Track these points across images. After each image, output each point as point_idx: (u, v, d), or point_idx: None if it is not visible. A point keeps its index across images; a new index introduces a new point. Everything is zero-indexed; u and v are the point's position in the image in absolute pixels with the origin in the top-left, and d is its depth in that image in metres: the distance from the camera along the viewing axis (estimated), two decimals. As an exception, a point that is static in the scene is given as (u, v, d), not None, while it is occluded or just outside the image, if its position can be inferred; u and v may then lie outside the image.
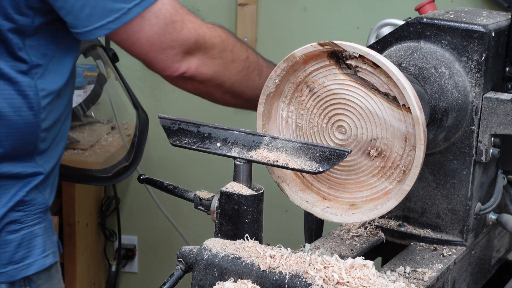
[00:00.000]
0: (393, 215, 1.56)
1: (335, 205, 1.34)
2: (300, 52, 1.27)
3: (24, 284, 1.65)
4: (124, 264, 3.32)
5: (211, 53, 1.61)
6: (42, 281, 1.69)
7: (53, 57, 1.59)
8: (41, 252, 1.67)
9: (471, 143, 1.45)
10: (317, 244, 1.49)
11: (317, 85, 1.31)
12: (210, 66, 1.61)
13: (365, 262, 1.14)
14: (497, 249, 1.69)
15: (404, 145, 1.27)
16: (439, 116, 1.42)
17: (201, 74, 1.62)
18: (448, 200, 1.50)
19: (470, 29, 1.42)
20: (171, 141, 1.32)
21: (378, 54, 1.24)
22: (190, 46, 1.58)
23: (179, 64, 1.59)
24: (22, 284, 1.65)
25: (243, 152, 1.26)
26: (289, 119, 1.35)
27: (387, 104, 1.26)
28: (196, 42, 1.59)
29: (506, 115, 1.43)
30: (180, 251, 1.27)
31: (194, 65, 1.60)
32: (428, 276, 1.37)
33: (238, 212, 1.23)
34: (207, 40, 1.60)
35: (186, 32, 1.58)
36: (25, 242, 1.64)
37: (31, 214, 1.65)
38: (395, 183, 1.29)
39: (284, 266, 1.16)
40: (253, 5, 2.95)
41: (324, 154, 1.21)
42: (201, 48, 1.60)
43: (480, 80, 1.43)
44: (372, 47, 1.47)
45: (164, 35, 1.56)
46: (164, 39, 1.56)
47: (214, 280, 1.20)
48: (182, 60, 1.59)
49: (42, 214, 1.67)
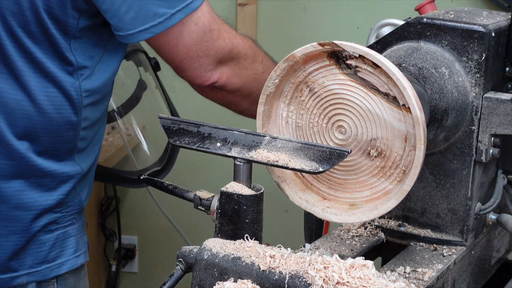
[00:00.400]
0: (393, 215, 1.56)
1: (335, 205, 1.34)
2: (300, 52, 1.27)
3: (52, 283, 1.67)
4: (124, 264, 3.31)
5: (243, 63, 1.64)
6: (70, 280, 1.70)
7: (100, 59, 1.61)
8: (73, 252, 1.68)
9: (471, 143, 1.45)
10: (317, 244, 1.49)
11: (317, 85, 1.31)
12: (241, 77, 1.64)
13: (365, 262, 1.14)
14: (497, 249, 1.70)
15: (404, 145, 1.27)
16: (439, 116, 1.42)
17: (231, 84, 1.65)
18: (448, 200, 1.50)
19: (470, 29, 1.42)
20: (171, 141, 1.32)
21: (378, 54, 1.24)
22: (224, 56, 1.61)
23: (212, 73, 1.62)
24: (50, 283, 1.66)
25: (243, 152, 1.26)
26: (289, 119, 1.35)
27: (387, 104, 1.26)
28: (230, 51, 1.62)
29: (506, 115, 1.43)
30: (180, 251, 1.27)
31: (225, 75, 1.63)
32: (428, 276, 1.37)
33: (238, 212, 1.23)
34: (241, 51, 1.63)
35: (222, 41, 1.60)
36: (59, 242, 1.65)
37: (68, 215, 1.66)
38: (395, 183, 1.29)
39: (284, 266, 1.16)
40: (253, 5, 2.95)
41: (324, 154, 1.21)
42: (234, 58, 1.63)
43: (480, 80, 1.43)
44: (372, 47, 1.47)
45: (201, 42, 1.58)
46: (200, 46, 1.58)
47: (214, 280, 1.20)
48: (214, 69, 1.62)
49: (77, 215, 1.69)
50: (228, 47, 1.61)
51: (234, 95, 1.68)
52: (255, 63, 1.67)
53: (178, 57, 1.60)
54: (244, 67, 1.65)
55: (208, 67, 1.60)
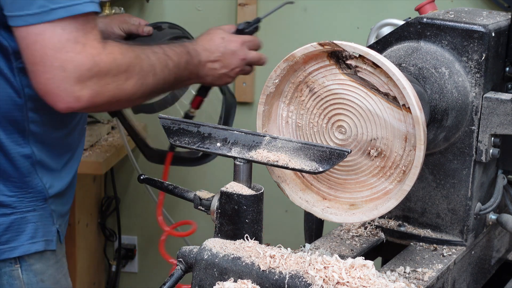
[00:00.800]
0: (393, 215, 1.56)
1: (335, 205, 1.34)
2: (300, 52, 1.27)
3: (15, 262, 1.69)
4: (124, 264, 3.31)
5: (105, 80, 1.55)
6: (34, 260, 1.71)
7: None
8: (29, 238, 1.69)
9: (471, 143, 1.45)
10: (317, 244, 1.49)
11: (317, 85, 1.31)
12: (104, 93, 1.56)
13: (365, 262, 1.14)
14: (497, 249, 1.69)
15: (404, 145, 1.27)
16: (439, 116, 1.42)
17: (94, 104, 1.55)
18: (448, 200, 1.50)
19: (470, 29, 1.42)
20: (171, 141, 1.32)
21: (378, 54, 1.24)
22: (83, 74, 1.51)
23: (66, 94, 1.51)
24: (13, 262, 1.69)
25: (243, 152, 1.26)
26: (289, 119, 1.35)
27: (387, 104, 1.26)
28: (89, 69, 1.51)
29: (506, 115, 1.43)
30: (180, 251, 1.27)
31: (85, 98, 1.52)
32: (428, 276, 1.37)
33: (238, 212, 1.23)
34: (102, 68, 1.53)
35: (83, 57, 1.50)
36: (14, 227, 1.67)
37: (26, 201, 1.67)
38: (395, 183, 1.29)
39: (284, 266, 1.16)
40: (253, 5, 2.95)
41: (324, 154, 1.21)
42: (94, 76, 1.52)
43: (480, 80, 1.43)
44: (372, 47, 1.47)
45: (60, 51, 1.48)
46: (59, 55, 1.48)
47: (214, 280, 1.20)
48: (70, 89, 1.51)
49: (39, 203, 1.70)
50: (88, 64, 1.51)
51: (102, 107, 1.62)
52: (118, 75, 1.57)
53: (32, 58, 1.49)
54: (106, 83, 1.55)
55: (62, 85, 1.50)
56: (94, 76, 1.52)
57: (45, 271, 1.74)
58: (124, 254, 3.28)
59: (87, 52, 1.50)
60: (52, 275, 1.76)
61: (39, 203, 1.70)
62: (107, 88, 1.55)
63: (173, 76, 1.72)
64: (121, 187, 3.22)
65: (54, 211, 1.74)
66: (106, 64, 1.54)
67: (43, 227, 1.71)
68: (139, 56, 1.64)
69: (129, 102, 1.67)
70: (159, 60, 1.69)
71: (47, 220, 1.72)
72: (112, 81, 1.56)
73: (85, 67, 1.50)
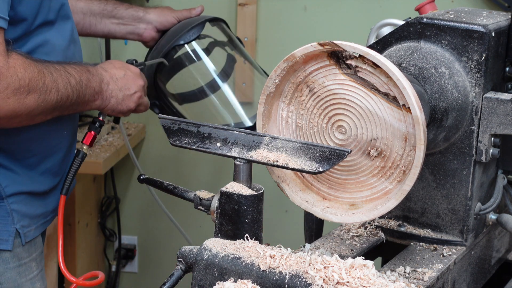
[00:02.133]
0: (393, 215, 1.56)
1: (335, 205, 1.34)
2: (300, 52, 1.27)
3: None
4: (124, 264, 3.31)
5: (4, 93, 1.54)
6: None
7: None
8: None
9: (471, 143, 1.46)
10: (317, 244, 1.49)
11: (317, 85, 1.31)
12: (3, 107, 1.54)
13: (365, 262, 1.14)
14: (497, 249, 1.69)
15: (404, 145, 1.27)
16: (439, 116, 1.42)
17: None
18: (448, 200, 1.50)
19: (470, 29, 1.42)
20: (171, 141, 1.32)
21: (378, 54, 1.24)
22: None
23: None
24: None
25: (243, 152, 1.26)
26: (289, 119, 1.35)
27: (387, 104, 1.26)
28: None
29: (506, 115, 1.43)
30: (180, 251, 1.27)
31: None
32: (428, 276, 1.37)
33: (238, 212, 1.23)
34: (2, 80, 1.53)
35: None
36: None
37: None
38: (395, 183, 1.29)
39: (284, 266, 1.16)
40: (253, 5, 2.95)
41: (324, 154, 1.21)
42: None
43: (480, 80, 1.43)
44: (372, 47, 1.47)
45: None
46: None
47: (214, 280, 1.20)
48: None
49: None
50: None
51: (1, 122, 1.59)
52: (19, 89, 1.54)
53: None
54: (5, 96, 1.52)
55: None
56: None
57: (2, 274, 1.71)
58: (124, 254, 3.28)
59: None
60: (12, 278, 1.73)
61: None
62: (7, 102, 1.54)
63: (76, 94, 1.69)
64: (121, 187, 3.22)
65: (16, 211, 1.71)
66: (6, 77, 1.53)
67: None
68: (41, 71, 1.61)
69: (29, 118, 1.62)
70: (61, 77, 1.66)
71: (3, 218, 1.70)
72: (12, 95, 1.55)
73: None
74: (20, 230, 1.72)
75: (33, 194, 1.75)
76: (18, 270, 1.74)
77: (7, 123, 1.60)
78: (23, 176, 1.72)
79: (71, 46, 1.77)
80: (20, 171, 1.72)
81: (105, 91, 1.78)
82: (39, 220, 1.78)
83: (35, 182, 1.74)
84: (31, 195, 1.74)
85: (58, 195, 1.82)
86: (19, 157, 1.71)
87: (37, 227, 1.77)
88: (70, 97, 1.67)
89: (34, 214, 1.76)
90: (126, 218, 3.26)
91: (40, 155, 1.75)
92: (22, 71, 1.56)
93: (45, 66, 1.64)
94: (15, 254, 1.72)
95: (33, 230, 1.76)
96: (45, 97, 1.61)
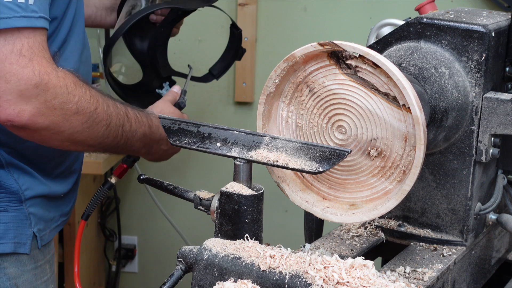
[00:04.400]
0: (393, 215, 1.56)
1: (335, 205, 1.34)
2: (300, 52, 1.27)
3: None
4: (124, 264, 3.32)
5: (52, 103, 1.49)
6: (8, 264, 1.69)
7: None
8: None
9: (471, 143, 1.46)
10: (317, 244, 1.49)
11: (317, 85, 1.31)
12: (48, 116, 1.50)
13: (365, 262, 1.14)
14: (497, 249, 1.70)
15: (404, 145, 1.27)
16: (439, 116, 1.42)
17: (35, 124, 1.49)
18: (448, 200, 1.50)
19: (470, 29, 1.42)
20: (171, 141, 1.32)
21: (378, 54, 1.24)
22: (28, 89, 1.46)
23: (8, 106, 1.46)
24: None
25: (243, 152, 1.26)
26: (289, 119, 1.35)
27: (387, 104, 1.26)
28: (36, 86, 1.46)
29: (506, 115, 1.43)
30: (180, 251, 1.27)
31: (27, 114, 1.47)
32: (428, 276, 1.37)
33: (238, 212, 1.23)
34: (50, 88, 1.48)
35: (29, 72, 1.45)
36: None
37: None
38: (395, 183, 1.29)
39: (284, 266, 1.16)
40: (253, 5, 2.95)
41: (324, 154, 1.21)
42: (40, 94, 1.47)
43: (480, 80, 1.43)
44: (372, 47, 1.47)
45: (3, 61, 1.44)
46: (2, 66, 1.44)
47: (214, 280, 1.20)
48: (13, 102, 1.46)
49: (12, 204, 1.68)
50: (35, 80, 1.46)
51: (40, 134, 1.53)
52: (67, 104, 1.52)
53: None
54: (52, 106, 1.49)
55: (4, 96, 1.45)
56: (40, 94, 1.47)
57: (19, 276, 1.71)
58: (124, 254, 3.28)
59: (34, 68, 1.46)
60: (29, 281, 1.73)
61: (13, 204, 1.67)
62: (53, 112, 1.50)
63: (124, 140, 1.65)
64: (121, 187, 3.22)
65: (33, 215, 1.71)
66: (55, 86, 1.49)
67: (15, 229, 1.68)
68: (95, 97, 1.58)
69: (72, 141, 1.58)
70: (117, 116, 1.63)
71: (21, 222, 1.69)
72: (59, 107, 1.50)
73: (30, 82, 1.46)
74: (37, 233, 1.73)
75: (49, 198, 1.75)
76: (34, 273, 1.74)
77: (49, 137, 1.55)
78: (40, 180, 1.72)
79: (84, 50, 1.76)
80: (37, 175, 1.72)
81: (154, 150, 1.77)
82: (52, 224, 1.79)
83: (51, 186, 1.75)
84: (46, 199, 1.75)
85: (70, 199, 1.84)
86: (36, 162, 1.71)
87: (50, 231, 1.79)
88: (118, 139, 1.64)
89: (48, 218, 1.77)
90: (126, 218, 3.27)
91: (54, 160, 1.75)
92: (73, 86, 1.52)
93: (103, 96, 1.60)
94: (32, 257, 1.73)
95: (47, 234, 1.77)
96: (92, 124, 1.57)
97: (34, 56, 1.46)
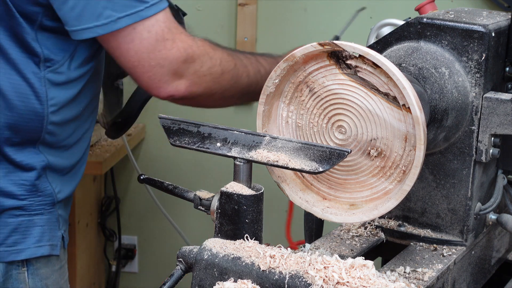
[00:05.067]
0: (393, 215, 1.56)
1: (335, 205, 1.34)
2: (300, 52, 1.27)
3: (22, 265, 1.69)
4: (124, 264, 3.32)
5: (200, 71, 1.63)
6: (41, 264, 1.72)
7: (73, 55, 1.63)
8: (36, 241, 1.69)
9: (471, 143, 1.45)
10: (317, 244, 1.49)
11: (317, 85, 1.31)
12: (201, 84, 1.64)
13: (365, 262, 1.14)
14: (497, 249, 1.69)
15: (404, 145, 1.27)
16: (439, 116, 1.42)
17: (191, 94, 1.65)
18: (448, 200, 1.50)
19: (470, 29, 1.42)
20: (171, 141, 1.32)
21: (378, 54, 1.24)
22: (179, 66, 1.61)
23: (168, 85, 1.61)
24: (20, 264, 1.69)
25: (243, 152, 1.26)
26: (289, 119, 1.35)
27: (387, 104, 1.26)
28: (185, 61, 1.61)
29: (506, 115, 1.43)
30: (180, 251, 1.27)
31: (183, 87, 1.63)
32: (428, 276, 1.37)
33: (238, 212, 1.23)
34: (196, 59, 1.62)
35: (176, 51, 1.59)
36: (21, 228, 1.67)
37: (36, 204, 1.68)
38: (395, 183, 1.29)
39: (284, 266, 1.16)
40: (253, 5, 2.95)
41: (324, 154, 1.21)
42: (190, 67, 1.62)
43: (480, 80, 1.43)
44: (372, 47, 1.47)
45: (153, 51, 1.58)
46: (153, 55, 1.58)
47: (214, 280, 1.20)
48: (170, 81, 1.61)
49: (47, 207, 1.70)
50: (183, 57, 1.61)
51: (197, 100, 1.69)
52: (213, 68, 1.66)
53: (129, 63, 1.60)
54: (202, 74, 1.64)
55: (163, 78, 1.60)
56: (190, 67, 1.61)
57: (49, 276, 1.74)
58: (124, 254, 3.28)
59: (179, 47, 1.60)
60: (56, 281, 1.76)
61: (47, 207, 1.70)
62: (204, 79, 1.64)
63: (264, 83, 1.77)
64: (121, 187, 3.22)
65: (61, 216, 1.75)
66: (199, 56, 1.62)
67: (50, 231, 1.72)
68: (231, 55, 1.71)
69: (223, 99, 1.72)
70: (251, 65, 1.74)
71: (53, 224, 1.73)
72: (208, 73, 1.64)
73: (180, 60, 1.60)
74: (64, 234, 1.77)
75: (68, 199, 1.79)
76: (59, 272, 1.78)
77: (205, 100, 1.69)
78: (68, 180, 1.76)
79: None
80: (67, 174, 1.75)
81: None
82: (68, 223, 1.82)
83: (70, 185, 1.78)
84: (67, 199, 1.78)
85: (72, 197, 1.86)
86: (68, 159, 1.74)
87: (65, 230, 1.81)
88: (259, 85, 1.71)
89: (67, 217, 1.81)
90: (126, 218, 3.26)
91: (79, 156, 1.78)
92: (212, 51, 1.65)
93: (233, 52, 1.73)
94: (58, 258, 1.77)
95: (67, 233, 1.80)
96: (236, 80, 1.70)
97: (174, 36, 1.59)
